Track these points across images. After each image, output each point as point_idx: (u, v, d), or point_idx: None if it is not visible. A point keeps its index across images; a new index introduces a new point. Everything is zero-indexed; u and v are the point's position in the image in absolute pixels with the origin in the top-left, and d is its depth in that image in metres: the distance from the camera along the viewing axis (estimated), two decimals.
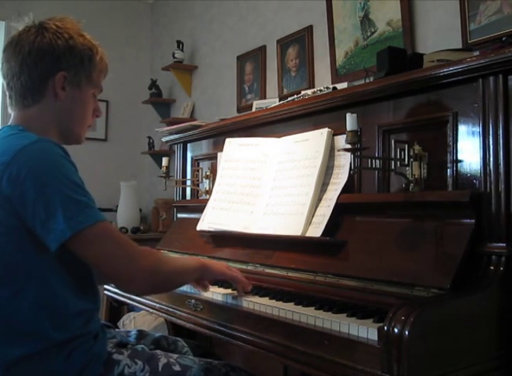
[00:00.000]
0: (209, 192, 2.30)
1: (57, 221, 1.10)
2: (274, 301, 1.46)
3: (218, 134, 2.32)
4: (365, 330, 1.14)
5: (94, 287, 1.30)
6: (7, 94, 1.31)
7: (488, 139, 1.32)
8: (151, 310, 1.90)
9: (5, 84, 1.30)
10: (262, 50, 3.58)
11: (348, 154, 1.52)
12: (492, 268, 1.27)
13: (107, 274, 1.20)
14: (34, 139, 1.16)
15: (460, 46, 2.23)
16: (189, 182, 2.52)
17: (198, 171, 2.42)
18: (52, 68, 1.26)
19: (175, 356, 1.40)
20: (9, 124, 1.30)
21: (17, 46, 1.26)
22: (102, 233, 1.16)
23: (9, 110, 1.32)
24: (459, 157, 1.40)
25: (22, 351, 1.14)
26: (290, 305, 1.39)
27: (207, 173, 2.37)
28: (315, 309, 1.34)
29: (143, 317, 3.10)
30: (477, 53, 1.69)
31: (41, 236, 1.13)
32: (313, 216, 1.65)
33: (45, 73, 1.26)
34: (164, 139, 2.70)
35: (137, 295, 1.32)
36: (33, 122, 1.26)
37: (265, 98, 3.49)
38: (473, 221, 1.29)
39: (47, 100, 1.28)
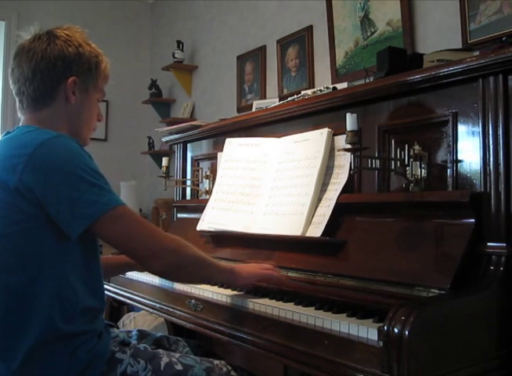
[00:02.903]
0: (209, 192, 2.30)
1: (83, 205, 1.17)
2: (274, 301, 1.46)
3: (218, 134, 2.32)
4: (365, 330, 1.14)
5: (101, 286, 1.34)
6: (17, 99, 1.35)
7: (488, 139, 1.32)
8: (151, 310, 1.90)
9: (15, 90, 1.35)
10: (262, 50, 3.59)
11: (348, 154, 1.52)
12: (492, 268, 1.26)
13: (131, 252, 1.27)
14: (54, 134, 1.23)
15: (460, 46, 2.23)
16: (189, 182, 2.53)
17: (198, 171, 2.42)
18: (64, 73, 1.32)
19: (177, 355, 1.41)
20: (22, 125, 1.34)
21: (30, 52, 1.31)
22: (125, 215, 1.23)
23: (19, 114, 1.37)
24: (459, 157, 1.40)
25: (32, 341, 1.17)
26: (290, 305, 1.39)
27: (207, 173, 2.37)
28: (315, 309, 1.34)
29: (143, 317, 3.10)
30: (477, 53, 1.69)
31: (65, 223, 1.18)
32: (313, 216, 1.65)
33: (57, 78, 1.32)
34: (164, 139, 2.70)
35: (161, 274, 1.36)
36: (45, 124, 1.31)
37: (265, 98, 3.49)
38: (473, 221, 1.30)
39: (58, 104, 1.33)
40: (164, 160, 2.42)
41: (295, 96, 2.08)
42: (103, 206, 1.18)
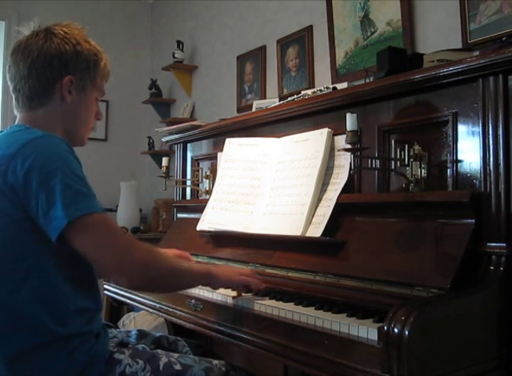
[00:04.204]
0: (209, 192, 2.30)
1: (56, 209, 1.13)
2: (274, 301, 1.46)
3: (218, 134, 2.32)
4: (365, 330, 1.14)
5: (96, 287, 1.32)
6: (13, 96, 1.33)
7: (488, 139, 1.32)
8: (151, 310, 1.90)
9: (11, 87, 1.33)
10: (262, 50, 3.58)
11: (348, 154, 1.52)
12: (492, 268, 1.27)
13: (100, 264, 1.20)
14: (40, 134, 1.20)
15: (460, 46, 2.23)
16: (189, 182, 2.52)
17: (198, 171, 2.42)
18: (60, 72, 1.29)
19: (176, 355, 1.41)
20: (15, 124, 1.33)
21: (26, 50, 1.29)
22: (98, 223, 1.17)
23: (15, 112, 1.35)
24: (459, 157, 1.40)
25: (24, 343, 1.16)
26: (290, 305, 1.39)
27: (207, 173, 2.37)
28: (315, 309, 1.34)
29: (143, 317, 3.10)
30: (477, 53, 1.69)
31: (43, 227, 1.15)
32: (313, 216, 1.65)
33: (52, 76, 1.29)
34: (164, 139, 2.70)
35: (129, 288, 1.34)
36: (39, 123, 1.29)
37: (265, 98, 3.49)
38: (473, 221, 1.30)
39: (53, 103, 1.31)
40: (164, 160, 2.42)
41: (295, 96, 2.08)
42: (75, 211, 1.13)
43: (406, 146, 1.48)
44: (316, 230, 1.61)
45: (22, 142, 1.17)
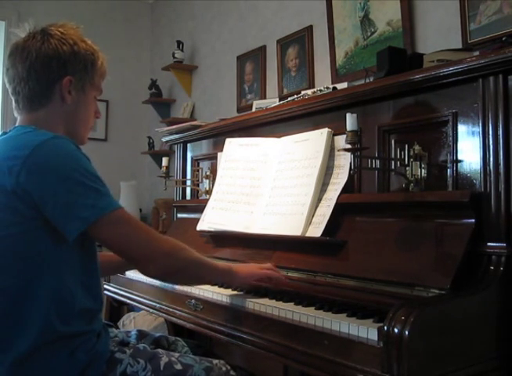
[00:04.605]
0: (209, 192, 2.30)
1: (79, 209, 1.16)
2: (274, 301, 1.46)
3: (218, 134, 2.32)
4: (365, 330, 1.14)
5: (99, 286, 1.34)
6: (12, 99, 1.34)
7: (488, 139, 1.32)
8: (151, 310, 1.90)
9: (10, 89, 1.33)
10: (262, 50, 3.59)
11: (348, 154, 1.52)
12: (492, 268, 1.27)
13: (127, 255, 1.26)
14: (51, 135, 1.22)
15: (460, 46, 2.23)
16: (189, 182, 2.53)
17: (198, 171, 2.43)
18: (59, 73, 1.30)
19: (177, 354, 1.41)
20: (18, 125, 1.33)
21: (24, 52, 1.30)
22: (122, 218, 1.23)
23: (15, 114, 1.36)
24: (459, 157, 1.40)
25: (30, 344, 1.16)
26: (290, 305, 1.39)
27: (207, 173, 2.37)
28: (315, 309, 1.34)
29: (143, 317, 3.10)
30: (477, 53, 1.69)
31: (61, 226, 1.17)
32: (313, 216, 1.65)
33: (52, 78, 1.30)
34: (164, 139, 2.71)
35: (155, 277, 1.42)
36: (41, 124, 1.29)
37: (265, 98, 3.49)
38: (473, 221, 1.30)
39: (54, 104, 1.32)
40: (164, 160, 2.42)
41: (295, 96, 2.08)
42: (100, 210, 1.18)
43: (406, 146, 1.48)
44: (316, 230, 1.61)
45: (35, 144, 1.18)
